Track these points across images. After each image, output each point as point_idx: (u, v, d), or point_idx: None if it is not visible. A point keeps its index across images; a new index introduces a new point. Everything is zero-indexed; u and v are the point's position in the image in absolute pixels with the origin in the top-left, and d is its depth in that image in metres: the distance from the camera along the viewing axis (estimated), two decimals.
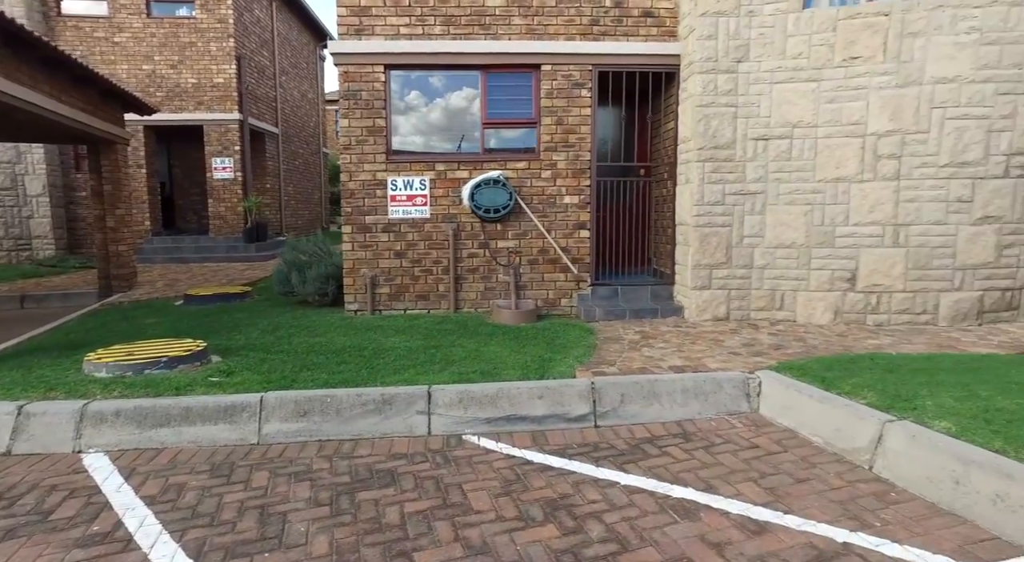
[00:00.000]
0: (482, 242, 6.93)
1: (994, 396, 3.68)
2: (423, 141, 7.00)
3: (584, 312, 6.63)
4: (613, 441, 3.85)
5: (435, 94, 6.93)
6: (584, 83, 6.76)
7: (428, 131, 6.99)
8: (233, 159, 13.48)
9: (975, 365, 4.44)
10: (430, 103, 6.93)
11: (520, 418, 4.10)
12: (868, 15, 5.87)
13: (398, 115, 6.89)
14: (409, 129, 6.96)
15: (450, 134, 7.00)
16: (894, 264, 6.10)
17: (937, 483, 2.98)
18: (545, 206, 6.90)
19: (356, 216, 6.83)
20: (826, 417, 3.71)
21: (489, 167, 6.82)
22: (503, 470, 3.44)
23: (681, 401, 4.23)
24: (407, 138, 6.96)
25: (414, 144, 6.98)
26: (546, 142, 6.83)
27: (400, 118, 6.90)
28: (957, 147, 5.86)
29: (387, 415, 4.01)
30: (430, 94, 6.92)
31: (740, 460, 3.49)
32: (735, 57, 6.15)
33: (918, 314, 6.14)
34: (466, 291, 6.98)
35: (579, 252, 6.96)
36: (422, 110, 6.94)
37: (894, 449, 3.24)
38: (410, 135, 6.96)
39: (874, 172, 6.02)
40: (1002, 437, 3.07)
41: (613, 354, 5.10)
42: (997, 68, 5.77)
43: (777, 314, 6.35)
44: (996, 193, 5.94)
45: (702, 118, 6.20)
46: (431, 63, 6.70)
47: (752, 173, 6.23)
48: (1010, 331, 5.81)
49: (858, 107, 5.98)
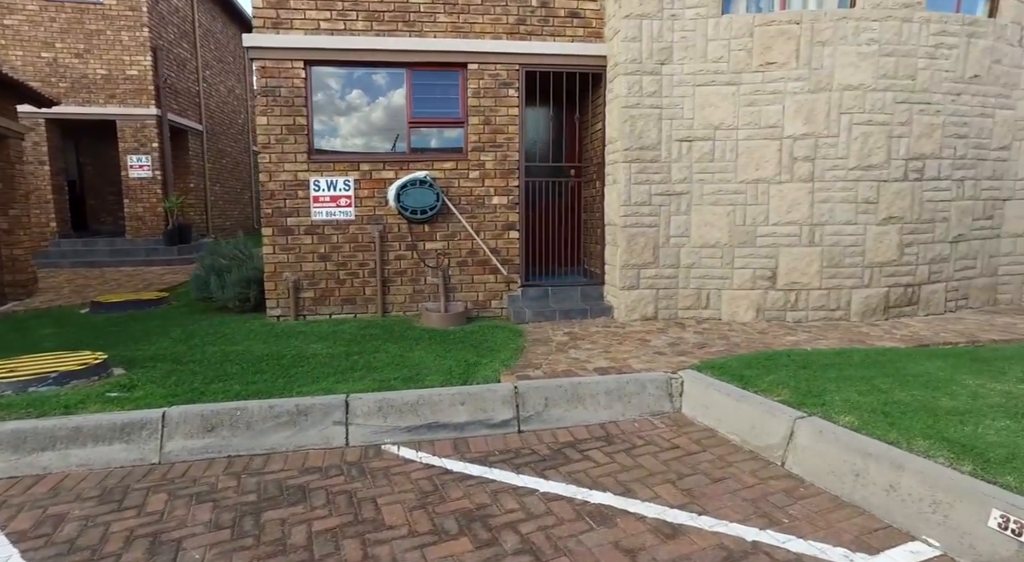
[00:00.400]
0: (410, 244, 6.77)
1: (893, 389, 3.85)
2: (347, 140, 6.77)
3: (514, 314, 6.58)
4: (536, 447, 3.80)
5: (359, 92, 6.72)
6: (511, 83, 6.71)
7: (352, 130, 6.77)
8: (151, 157, 12.72)
9: (879, 359, 4.65)
10: (354, 101, 6.72)
11: (442, 426, 4.00)
12: (782, 22, 6.07)
13: (320, 113, 6.63)
14: (332, 128, 6.72)
15: (375, 133, 6.80)
16: (811, 262, 6.34)
17: (840, 476, 3.07)
18: (474, 207, 6.81)
19: (277, 218, 6.53)
20: (743, 415, 3.78)
21: (416, 167, 6.67)
22: (421, 481, 3.33)
23: (605, 403, 4.23)
24: (330, 137, 6.72)
25: (337, 143, 6.75)
26: (474, 142, 6.74)
27: (322, 116, 6.65)
28: (863, 151, 6.15)
29: (302, 427, 3.83)
30: (354, 92, 6.70)
31: (660, 462, 3.51)
32: (659, 59, 6.24)
33: (833, 310, 6.41)
34: (394, 294, 6.81)
35: (509, 253, 6.91)
36: (345, 108, 6.71)
37: (803, 445, 3.33)
38: (333, 134, 6.72)
39: (791, 174, 6.24)
40: (896, 429, 3.20)
41: (540, 357, 5.07)
42: (894, 78, 6.09)
43: (703, 312, 6.49)
44: (897, 195, 6.28)
45: (628, 119, 6.26)
46: (354, 60, 6.49)
47: (677, 174, 6.34)
48: (911, 324, 6.15)
49: (775, 111, 6.18)
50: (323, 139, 6.68)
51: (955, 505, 2.58)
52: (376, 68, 6.64)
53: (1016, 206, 7.10)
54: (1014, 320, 6.36)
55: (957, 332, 5.77)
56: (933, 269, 6.63)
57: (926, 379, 4.08)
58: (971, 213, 6.76)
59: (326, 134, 6.69)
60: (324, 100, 6.64)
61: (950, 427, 3.21)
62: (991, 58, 6.52)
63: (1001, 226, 7.09)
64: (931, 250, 6.57)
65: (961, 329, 5.90)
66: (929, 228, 6.51)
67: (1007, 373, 4.21)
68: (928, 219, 6.49)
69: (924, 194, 6.42)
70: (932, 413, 3.42)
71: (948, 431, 3.16)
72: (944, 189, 6.51)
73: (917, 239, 6.46)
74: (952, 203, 6.60)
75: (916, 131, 6.25)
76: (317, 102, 6.59)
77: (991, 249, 7.05)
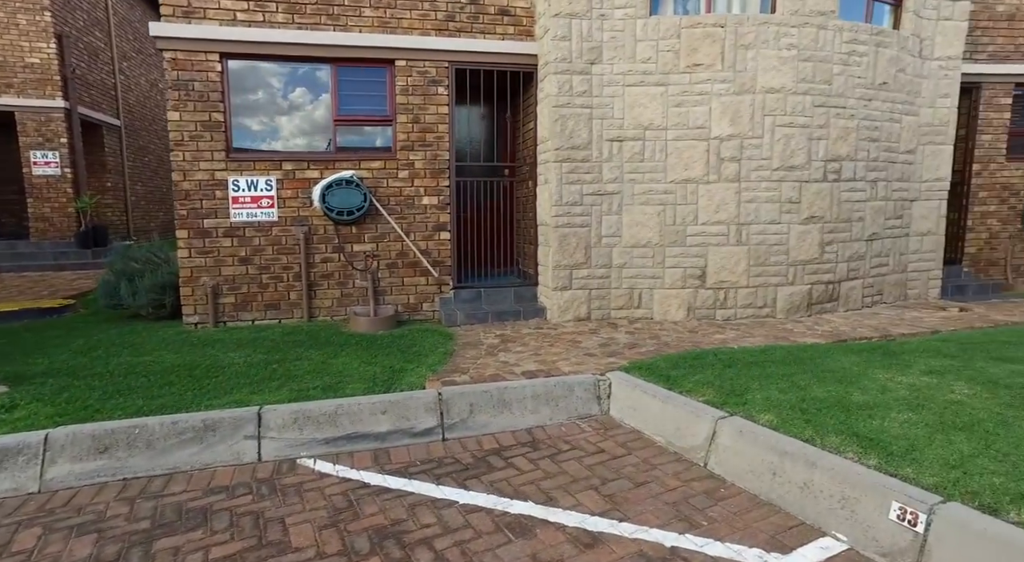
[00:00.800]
0: (337, 246, 6.51)
1: (811, 385, 3.94)
2: (269, 139, 6.45)
3: (445, 317, 6.43)
4: (459, 455, 3.68)
5: (281, 88, 6.41)
6: (441, 80, 6.56)
7: (274, 128, 6.45)
8: (59, 153, 11.82)
9: (801, 355, 4.76)
10: (276, 97, 6.40)
11: (362, 436, 3.82)
12: (707, 25, 6.17)
13: (239, 109, 6.29)
14: (252, 125, 6.38)
15: (299, 131, 6.51)
16: (738, 261, 6.47)
17: (759, 475, 3.09)
18: (403, 207, 6.62)
19: (193, 219, 6.15)
20: (668, 417, 3.77)
21: (342, 166, 6.42)
22: (335, 497, 3.15)
23: (532, 408, 4.15)
24: (250, 134, 6.38)
25: (258, 141, 6.41)
26: (402, 141, 6.55)
27: (242, 113, 6.31)
28: (786, 152, 6.33)
29: (209, 443, 3.57)
30: (276, 88, 6.39)
31: (584, 467, 3.45)
32: (589, 59, 6.23)
33: (760, 308, 6.57)
34: (321, 298, 6.53)
35: (440, 254, 6.76)
36: (267, 105, 6.39)
37: (725, 445, 3.34)
38: (254, 131, 6.39)
39: (718, 174, 6.35)
40: (812, 426, 3.25)
41: (469, 361, 4.94)
42: (813, 82, 6.29)
43: (636, 312, 6.53)
44: (818, 195, 6.49)
45: (558, 118, 6.22)
46: (275, 54, 6.18)
47: (608, 174, 6.35)
48: (832, 320, 6.38)
49: (702, 112, 6.27)
50: (243, 137, 6.34)
51: (861, 500, 2.62)
52: (299, 63, 6.36)
53: (921, 206, 7.49)
54: (920, 314, 6.69)
55: (872, 327, 6.01)
56: (851, 267, 6.90)
57: (841, 374, 4.19)
58: (883, 213, 7.08)
59: (246, 132, 6.35)
60: (243, 96, 6.29)
61: (860, 422, 3.29)
62: (896, 67, 6.84)
63: (910, 225, 7.47)
64: (849, 248, 6.84)
65: (875, 324, 6.16)
66: (847, 227, 6.77)
67: (912, 366, 4.39)
68: (846, 219, 6.74)
69: (842, 194, 6.67)
70: (845, 408, 3.50)
71: (858, 426, 3.23)
72: (860, 190, 6.79)
73: (836, 238, 6.71)
74: (867, 203, 6.89)
75: (833, 134, 6.49)
76: (235, 98, 6.25)
77: (901, 247, 7.41)
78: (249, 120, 6.36)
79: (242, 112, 6.31)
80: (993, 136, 8.72)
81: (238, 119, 6.29)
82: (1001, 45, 8.57)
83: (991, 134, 8.71)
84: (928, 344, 5.14)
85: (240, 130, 6.32)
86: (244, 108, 6.32)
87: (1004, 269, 8.95)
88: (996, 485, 2.59)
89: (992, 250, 9.00)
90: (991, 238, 8.99)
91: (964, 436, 3.09)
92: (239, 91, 6.27)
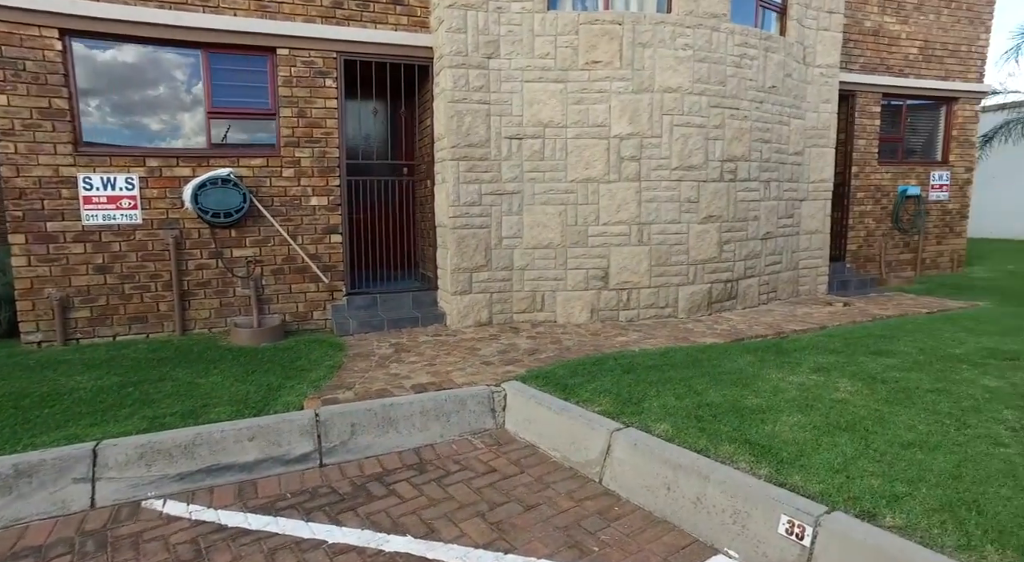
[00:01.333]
0: (214, 251, 5.89)
1: (708, 390, 3.86)
2: (130, 131, 5.72)
3: (337, 325, 5.97)
4: (337, 483, 3.30)
5: (144, 74, 5.70)
6: (329, 72, 6.08)
7: (136, 119, 5.73)
8: None
9: (699, 356, 4.73)
10: (137, 85, 5.69)
11: (224, 468, 3.36)
12: (605, 22, 6.08)
13: (91, 97, 5.53)
14: (108, 114, 5.64)
15: (166, 124, 5.82)
16: (640, 261, 6.43)
17: (654, 491, 2.93)
18: (289, 208, 6.09)
19: (32, 222, 5.33)
20: (563, 429, 3.57)
21: (218, 164, 5.81)
22: (181, 546, 2.70)
23: (421, 425, 3.83)
24: (106, 126, 5.63)
25: (117, 134, 5.68)
26: (287, 136, 6.02)
27: (94, 100, 5.55)
28: (684, 152, 6.36)
29: (22, 493, 2.98)
30: (137, 74, 5.68)
31: (472, 490, 3.17)
32: (485, 53, 5.97)
33: (662, 308, 6.57)
34: (196, 309, 5.88)
35: (331, 259, 6.28)
36: (127, 93, 5.67)
37: (620, 459, 3.16)
38: (110, 123, 5.65)
39: (619, 173, 6.28)
40: (706, 435, 3.14)
41: (357, 374, 4.55)
42: (708, 83, 6.36)
43: (539, 315, 6.34)
44: (715, 195, 6.58)
45: (455, 114, 5.92)
46: (133, 35, 5.47)
47: (508, 172, 6.12)
48: (731, 319, 6.48)
49: (602, 109, 6.18)
50: (97, 128, 5.58)
51: (751, 514, 2.50)
52: (164, 47, 5.68)
53: (809, 206, 7.82)
54: (810, 310, 6.95)
55: (767, 324, 6.14)
56: (748, 265, 7.06)
57: (737, 376, 4.16)
58: (776, 212, 7.30)
59: (101, 123, 5.60)
60: (95, 81, 5.54)
61: (753, 427, 3.21)
62: (784, 72, 7.07)
63: (800, 224, 7.77)
64: (746, 247, 6.99)
65: (770, 321, 6.31)
66: (743, 226, 6.92)
67: (802, 364, 4.44)
68: (742, 218, 6.89)
69: (738, 194, 6.79)
70: (739, 413, 3.43)
71: (751, 432, 3.15)
72: (754, 190, 6.96)
73: (734, 237, 6.83)
74: (761, 203, 7.07)
75: (729, 134, 6.59)
76: (85, 83, 5.48)
77: (793, 245, 7.69)
78: (104, 110, 5.61)
79: (95, 100, 5.55)
80: (867, 141, 9.29)
81: (89, 108, 5.53)
82: (870, 58, 9.15)
83: (865, 139, 9.27)
84: (816, 340, 5.28)
85: (93, 121, 5.56)
86: (97, 95, 5.56)
87: (879, 265, 9.57)
88: (874, 488, 2.55)
89: (869, 247, 9.60)
90: (868, 236, 9.58)
91: (847, 437, 3.07)
92: (90, 75, 5.51)
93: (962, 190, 10.32)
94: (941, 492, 2.51)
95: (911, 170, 9.80)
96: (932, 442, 3.01)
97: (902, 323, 6.11)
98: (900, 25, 9.33)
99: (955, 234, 10.45)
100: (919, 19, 9.46)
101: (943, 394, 3.76)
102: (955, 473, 2.69)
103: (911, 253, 9.97)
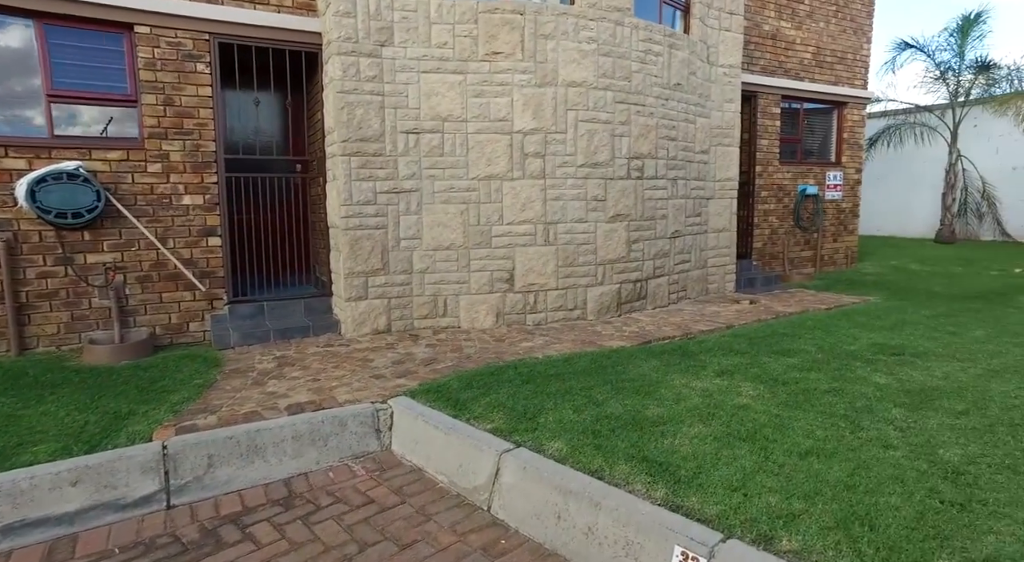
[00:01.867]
0: (61, 257, 5.12)
1: (609, 400, 3.63)
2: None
3: (216, 338, 5.35)
4: (183, 530, 2.80)
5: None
6: (201, 56, 5.44)
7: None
8: None
9: (604, 362, 4.51)
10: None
11: (36, 523, 2.78)
12: (506, 11, 5.78)
13: None
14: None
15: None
16: (547, 262, 6.19)
17: (544, 520, 2.64)
18: (157, 208, 5.41)
19: None
20: (451, 450, 3.22)
21: (64, 155, 5.05)
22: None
23: (293, 451, 3.37)
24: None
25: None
26: (152, 127, 5.34)
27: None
28: (590, 148, 6.17)
29: None
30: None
31: (343, 528, 2.76)
32: (378, 40, 5.53)
33: (571, 310, 6.36)
34: (40, 324, 5.10)
35: (210, 264, 5.64)
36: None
37: (509, 484, 2.85)
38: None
39: (523, 170, 6.01)
40: (603, 453, 2.88)
41: (227, 394, 4.01)
42: (613, 78, 6.22)
43: (441, 321, 5.97)
44: (623, 193, 6.45)
45: (345, 106, 5.44)
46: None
47: (405, 169, 5.71)
48: (640, 320, 6.36)
49: (504, 103, 5.88)
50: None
51: (645, 545, 2.25)
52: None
53: (716, 204, 7.88)
54: (718, 308, 6.97)
55: (675, 325, 6.06)
56: (657, 264, 6.99)
57: (640, 383, 3.97)
58: (684, 210, 7.29)
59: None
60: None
61: (652, 442, 2.99)
62: (688, 70, 7.06)
63: (707, 222, 7.81)
64: (655, 246, 6.91)
65: (678, 321, 6.23)
66: (651, 225, 6.84)
67: (707, 367, 4.32)
68: (650, 217, 6.80)
69: (646, 192, 6.70)
70: (639, 426, 3.21)
71: (649, 448, 2.92)
72: (662, 188, 6.89)
73: (642, 236, 6.73)
74: (669, 201, 7.02)
75: (635, 131, 6.47)
76: None
77: (701, 243, 7.72)
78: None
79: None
80: (769, 141, 9.55)
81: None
82: (769, 60, 9.41)
83: (768, 139, 9.53)
84: (722, 341, 5.21)
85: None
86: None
87: (783, 262, 9.87)
88: (772, 506, 2.37)
89: (774, 245, 9.88)
90: (772, 234, 9.86)
91: (747, 448, 2.91)
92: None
93: (853, 190, 10.85)
94: (836, 507, 2.36)
95: (809, 170, 10.18)
96: (828, 449, 2.90)
97: (803, 320, 6.20)
98: (795, 31, 9.65)
99: (848, 232, 10.98)
100: (811, 26, 9.83)
101: (839, 395, 3.71)
102: (849, 483, 2.56)
103: (811, 250, 10.36)
